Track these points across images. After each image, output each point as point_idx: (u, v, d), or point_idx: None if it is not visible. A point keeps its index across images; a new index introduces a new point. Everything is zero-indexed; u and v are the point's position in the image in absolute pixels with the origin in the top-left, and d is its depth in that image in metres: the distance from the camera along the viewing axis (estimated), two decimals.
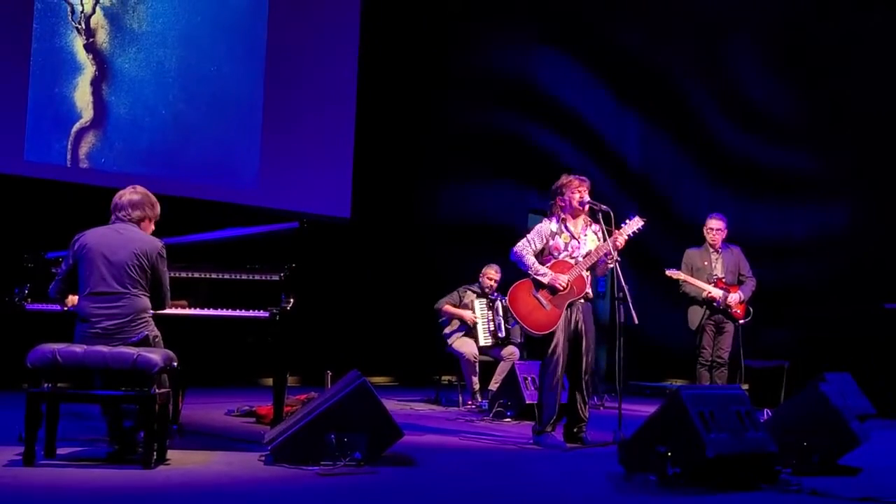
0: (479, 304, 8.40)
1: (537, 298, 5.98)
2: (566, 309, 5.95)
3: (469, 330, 8.35)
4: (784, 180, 10.09)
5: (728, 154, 10.56)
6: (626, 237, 6.01)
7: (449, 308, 8.42)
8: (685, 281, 7.60)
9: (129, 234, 4.85)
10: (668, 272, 7.60)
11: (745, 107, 10.50)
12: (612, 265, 5.95)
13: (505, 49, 11.25)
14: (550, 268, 5.99)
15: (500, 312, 8.35)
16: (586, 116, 11.28)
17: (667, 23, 10.98)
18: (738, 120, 10.50)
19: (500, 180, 11.06)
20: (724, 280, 7.61)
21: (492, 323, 8.35)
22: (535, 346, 6.49)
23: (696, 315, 7.65)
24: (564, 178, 6.11)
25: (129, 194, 4.96)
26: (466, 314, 8.33)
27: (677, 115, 10.97)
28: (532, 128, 11.35)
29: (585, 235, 6.10)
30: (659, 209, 8.85)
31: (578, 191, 6.03)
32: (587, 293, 6.03)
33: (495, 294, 8.46)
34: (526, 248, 6.05)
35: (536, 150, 11.28)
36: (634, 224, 6.07)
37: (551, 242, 6.05)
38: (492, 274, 8.47)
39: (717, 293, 7.53)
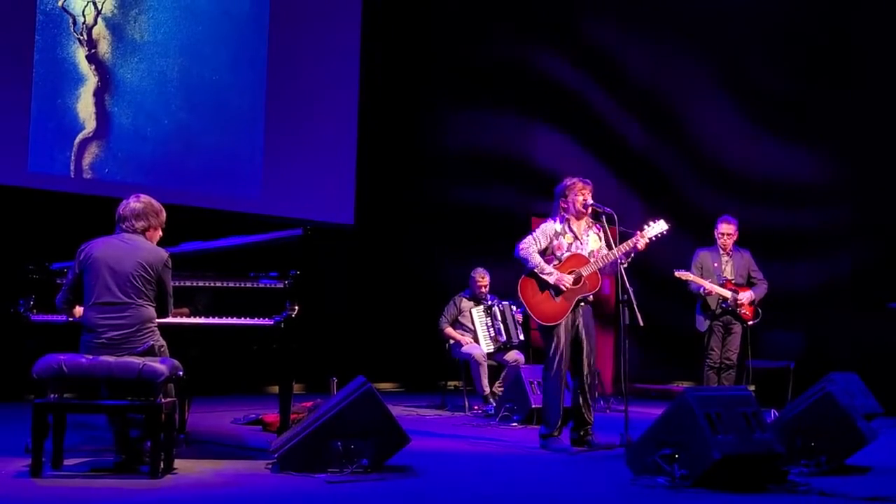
0: (477, 313, 8.43)
1: (549, 291, 5.98)
2: (570, 312, 5.95)
3: (474, 337, 8.40)
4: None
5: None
6: (649, 240, 5.97)
7: (450, 332, 8.48)
8: (693, 281, 7.61)
9: (135, 244, 4.85)
10: (677, 273, 7.61)
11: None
12: (625, 265, 5.93)
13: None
14: (567, 259, 5.99)
15: (499, 317, 8.36)
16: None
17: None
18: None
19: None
20: (732, 282, 7.62)
21: (491, 329, 8.37)
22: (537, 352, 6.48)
23: (704, 317, 7.66)
24: (568, 181, 6.10)
25: (132, 204, 4.96)
26: (464, 339, 8.38)
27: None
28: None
29: (588, 236, 6.11)
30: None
31: (582, 193, 6.03)
32: (589, 297, 6.03)
33: (491, 297, 8.49)
34: (531, 245, 6.05)
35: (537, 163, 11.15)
36: (658, 227, 6.01)
37: (555, 242, 6.06)
38: (479, 278, 8.50)
39: (726, 293, 7.54)
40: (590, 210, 6.06)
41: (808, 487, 4.55)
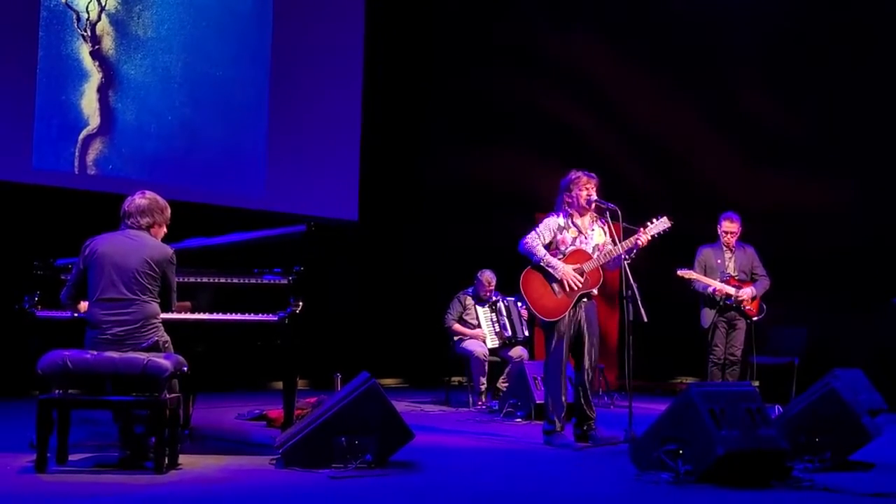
0: (482, 309, 8.45)
1: (550, 286, 5.97)
2: (572, 307, 5.95)
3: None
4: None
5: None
6: (650, 237, 5.95)
7: (458, 328, 8.51)
8: (697, 280, 7.61)
9: (140, 240, 4.86)
10: (679, 272, 7.60)
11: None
12: (628, 261, 5.92)
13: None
14: (570, 254, 5.98)
15: (504, 312, 8.39)
16: None
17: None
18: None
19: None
20: (736, 278, 7.62)
21: (496, 324, 8.40)
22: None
23: (708, 313, 7.66)
24: (573, 174, 6.07)
25: (137, 200, 4.96)
26: (476, 333, 8.43)
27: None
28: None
29: (592, 230, 6.10)
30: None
31: (586, 188, 6.01)
32: (592, 292, 6.03)
33: (496, 294, 8.50)
34: (535, 239, 6.04)
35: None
36: (661, 225, 5.98)
37: (559, 237, 6.05)
38: (486, 282, 8.50)
39: (729, 290, 7.54)
40: (593, 206, 6.05)
41: (811, 483, 4.54)
